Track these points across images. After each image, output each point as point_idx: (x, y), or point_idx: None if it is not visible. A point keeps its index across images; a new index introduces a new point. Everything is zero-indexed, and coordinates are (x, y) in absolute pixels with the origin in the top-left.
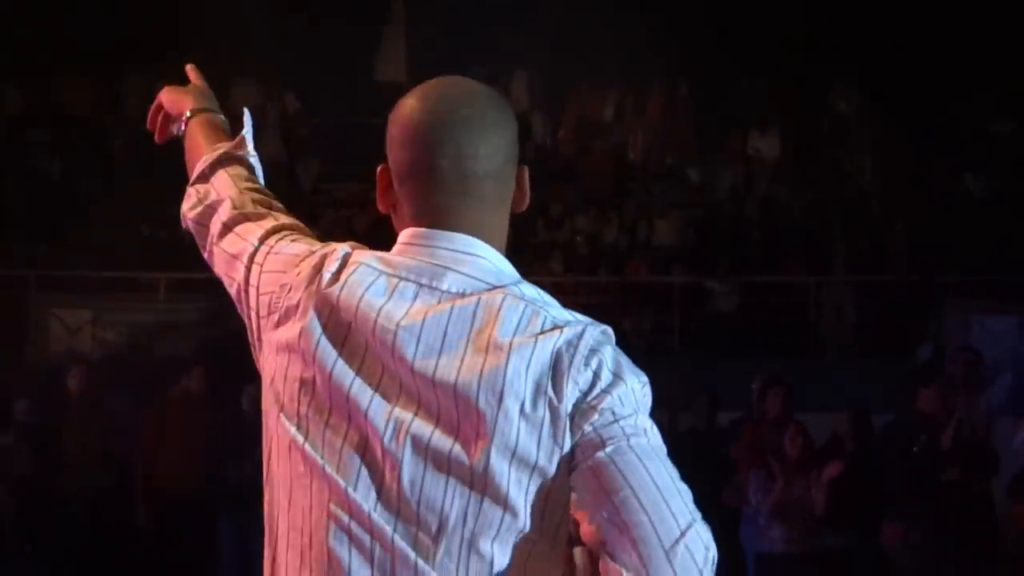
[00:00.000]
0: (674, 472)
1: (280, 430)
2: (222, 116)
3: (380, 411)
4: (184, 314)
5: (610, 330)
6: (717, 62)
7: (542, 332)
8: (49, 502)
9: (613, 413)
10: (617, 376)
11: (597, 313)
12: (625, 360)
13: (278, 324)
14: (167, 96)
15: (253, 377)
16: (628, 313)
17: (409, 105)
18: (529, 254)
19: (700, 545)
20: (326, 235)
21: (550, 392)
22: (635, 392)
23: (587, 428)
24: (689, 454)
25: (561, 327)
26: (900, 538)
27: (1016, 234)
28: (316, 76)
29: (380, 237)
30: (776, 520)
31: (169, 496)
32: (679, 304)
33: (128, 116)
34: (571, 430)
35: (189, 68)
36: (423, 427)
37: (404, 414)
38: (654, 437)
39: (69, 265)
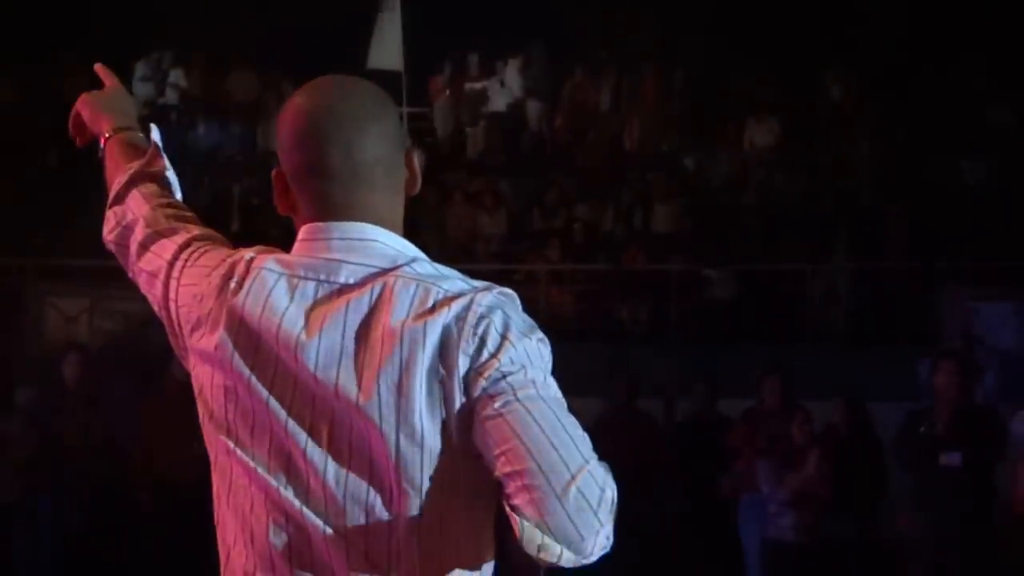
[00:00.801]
0: (567, 418)
1: (213, 437)
2: (140, 133)
3: (295, 424)
4: None
5: (509, 292)
6: (713, 49)
7: (432, 310)
8: (51, 489)
9: (501, 372)
10: (504, 337)
11: (595, 301)
12: (518, 320)
13: (193, 333)
14: (86, 110)
15: None
16: (626, 301)
17: (293, 107)
18: (526, 242)
19: (594, 486)
20: None
21: (441, 370)
22: (527, 349)
23: (478, 392)
24: (688, 442)
25: (451, 300)
26: (909, 525)
27: (1013, 220)
28: (314, 64)
29: None
30: (787, 508)
31: (167, 484)
32: (676, 292)
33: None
34: (466, 399)
35: (99, 68)
36: (338, 433)
37: (318, 423)
38: (544, 388)
39: (66, 253)
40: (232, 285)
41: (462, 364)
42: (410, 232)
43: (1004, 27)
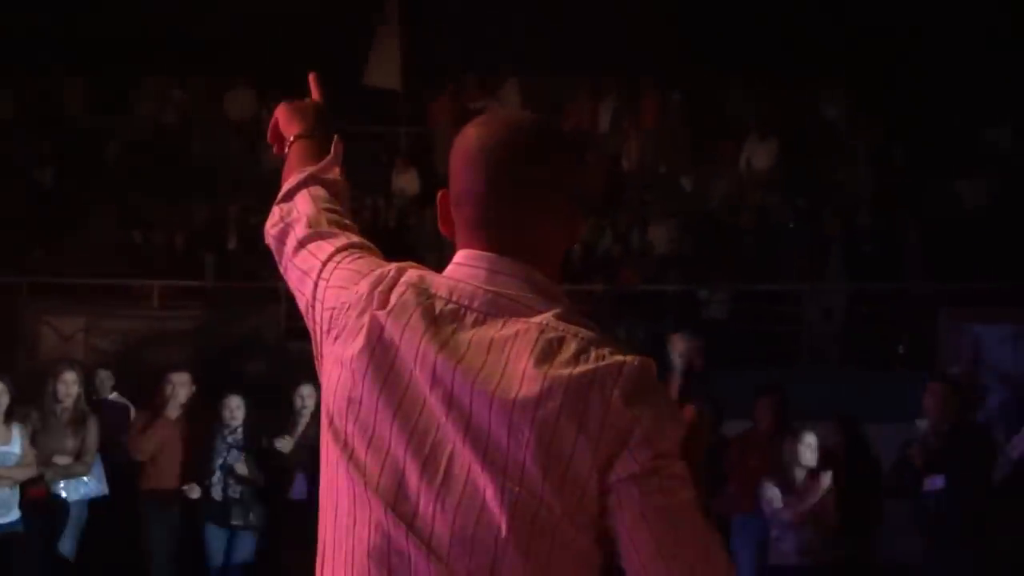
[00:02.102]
0: (704, 524)
1: (329, 444)
2: (327, 142)
3: (415, 447)
4: (177, 322)
5: (650, 363)
6: (710, 70)
7: (577, 364)
8: (47, 509)
9: (648, 456)
10: (655, 420)
11: (591, 321)
12: (666, 398)
13: (336, 339)
14: (282, 113)
15: (236, 389)
16: (622, 322)
17: (468, 134)
18: None
19: None
20: None
21: (576, 428)
22: (672, 437)
23: (618, 470)
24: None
25: (599, 359)
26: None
27: (1008, 242)
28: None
29: (376, 246)
30: (790, 532)
31: (158, 505)
32: (673, 312)
33: (132, 121)
34: (598, 472)
35: (312, 77)
36: (456, 464)
37: (438, 450)
38: (686, 486)
39: (62, 272)
40: (378, 297)
41: (602, 431)
42: (412, 256)
43: (1002, 48)
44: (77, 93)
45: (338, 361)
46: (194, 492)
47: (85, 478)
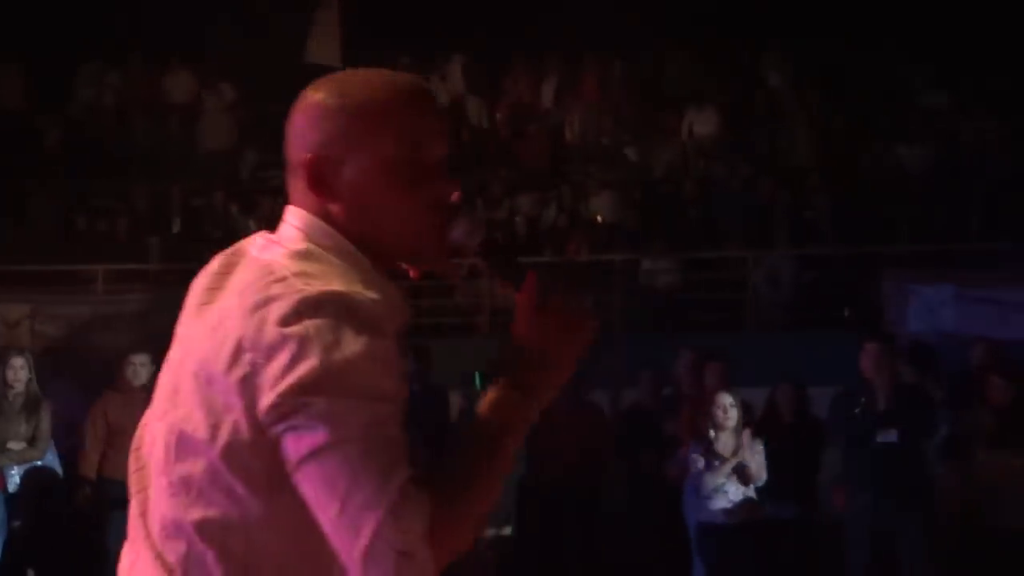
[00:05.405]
0: (350, 465)
1: None
2: None
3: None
4: (123, 305)
5: (338, 295)
6: (650, 39)
7: (259, 292)
8: None
9: (290, 389)
10: (307, 342)
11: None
12: (327, 328)
13: None
14: None
15: None
16: (568, 292)
17: None
18: None
19: (385, 546)
20: (265, 224)
21: (233, 352)
22: (323, 368)
23: (264, 402)
24: (635, 430)
25: (285, 288)
26: (845, 501)
27: (948, 204)
28: (251, 63)
29: None
30: (714, 493)
31: (112, 495)
32: (619, 282)
33: (72, 109)
34: (250, 400)
35: None
36: (165, 417)
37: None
38: (335, 429)
39: (5, 260)
40: None
41: (254, 354)
42: None
43: (939, 13)
44: (15, 81)
45: None
46: None
47: (39, 463)
